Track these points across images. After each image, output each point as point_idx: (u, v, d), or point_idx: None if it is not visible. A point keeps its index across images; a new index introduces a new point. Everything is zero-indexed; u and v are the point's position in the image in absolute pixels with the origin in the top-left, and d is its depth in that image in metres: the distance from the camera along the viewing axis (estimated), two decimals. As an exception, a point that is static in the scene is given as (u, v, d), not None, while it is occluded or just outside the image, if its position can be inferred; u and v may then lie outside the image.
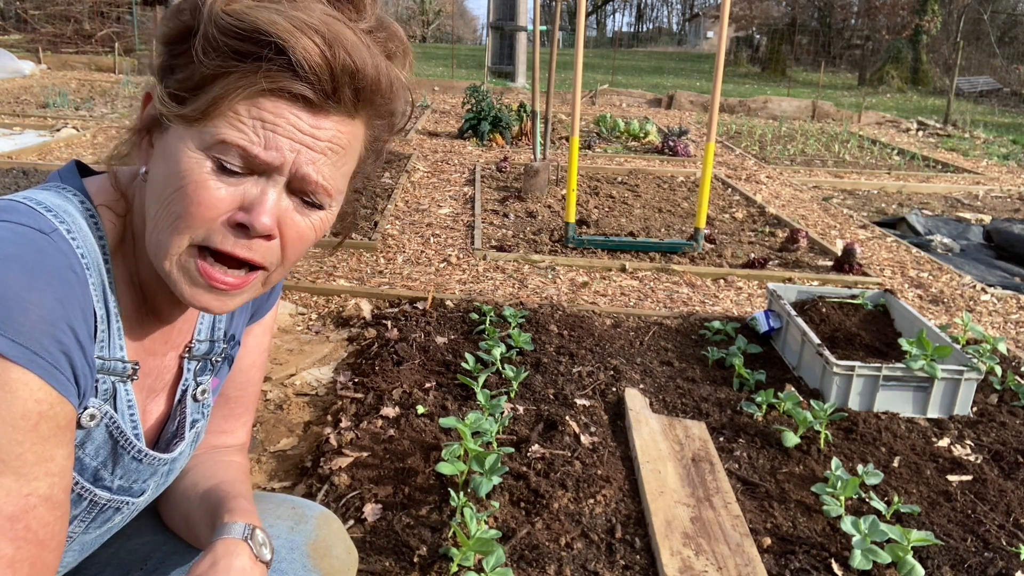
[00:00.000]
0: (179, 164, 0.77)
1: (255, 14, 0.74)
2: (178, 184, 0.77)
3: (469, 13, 71.18)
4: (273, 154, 0.77)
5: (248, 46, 0.74)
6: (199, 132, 0.77)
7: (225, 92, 0.75)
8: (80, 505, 0.87)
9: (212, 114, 0.76)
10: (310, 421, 2.52)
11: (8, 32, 16.00)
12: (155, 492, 0.98)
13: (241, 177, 0.78)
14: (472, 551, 1.69)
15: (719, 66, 4.22)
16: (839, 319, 3.19)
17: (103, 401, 0.84)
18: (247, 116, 0.76)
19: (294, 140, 0.77)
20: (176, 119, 0.78)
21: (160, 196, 0.79)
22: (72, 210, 0.82)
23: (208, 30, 0.74)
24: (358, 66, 0.76)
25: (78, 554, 0.96)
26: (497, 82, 14.83)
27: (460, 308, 3.38)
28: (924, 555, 1.89)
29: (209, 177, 0.77)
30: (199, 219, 0.77)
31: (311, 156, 0.78)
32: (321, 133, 0.78)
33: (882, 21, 26.54)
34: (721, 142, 9.28)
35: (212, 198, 0.77)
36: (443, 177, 6.41)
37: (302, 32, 0.74)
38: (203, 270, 0.80)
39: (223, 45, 0.74)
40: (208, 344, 1.01)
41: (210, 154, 0.77)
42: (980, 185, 7.57)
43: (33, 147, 6.50)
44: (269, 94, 0.76)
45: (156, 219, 0.80)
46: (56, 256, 0.76)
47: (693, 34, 55.02)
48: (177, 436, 0.98)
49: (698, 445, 2.33)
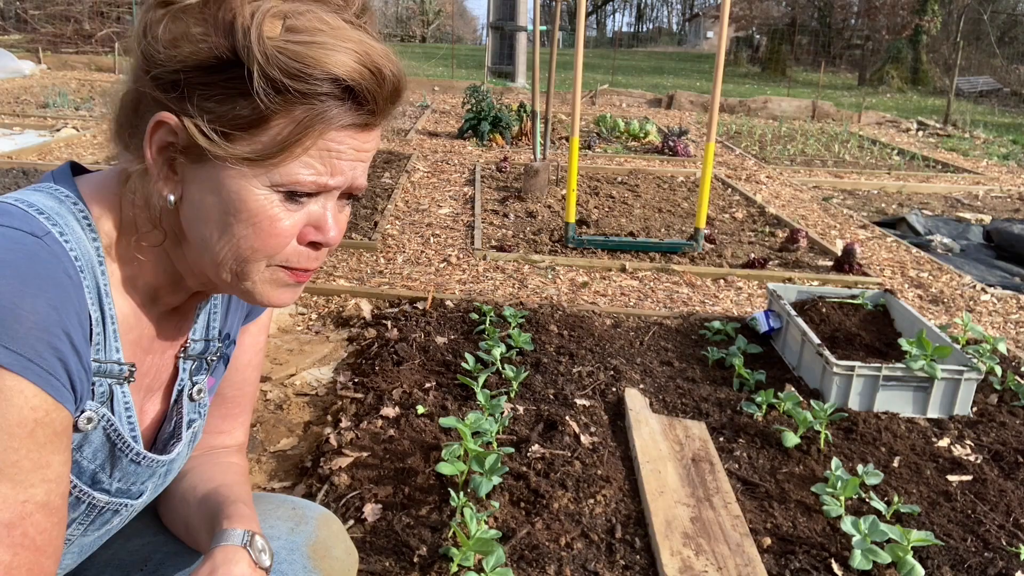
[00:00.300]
0: (245, 203, 0.79)
1: (317, 54, 0.74)
2: (251, 221, 0.79)
3: (469, 13, 71.18)
4: (339, 179, 0.81)
5: (314, 86, 0.75)
6: (266, 173, 0.78)
7: (299, 137, 0.77)
8: (78, 508, 0.87)
9: (285, 158, 0.78)
10: (310, 421, 2.52)
11: (8, 32, 16.01)
12: (153, 493, 0.98)
13: (305, 201, 0.82)
14: (472, 551, 1.69)
15: (719, 66, 4.22)
16: (839, 319, 3.19)
17: (100, 404, 0.84)
18: (316, 150, 0.78)
19: (352, 161, 0.82)
20: (238, 161, 0.77)
21: (221, 228, 0.80)
22: (65, 212, 0.81)
23: (270, 72, 0.73)
24: (402, 84, 0.81)
25: (77, 556, 0.95)
26: (497, 82, 14.83)
27: (460, 308, 3.38)
28: (924, 555, 1.89)
29: (280, 211, 0.80)
30: (276, 248, 0.82)
31: (360, 169, 0.83)
32: (369, 147, 0.83)
33: (882, 21, 26.53)
34: (721, 142, 9.28)
35: (286, 230, 0.81)
36: (443, 177, 6.41)
37: (364, 66, 0.76)
38: (292, 275, 0.85)
39: (287, 87, 0.74)
40: (203, 343, 1.00)
41: (278, 190, 0.79)
42: (980, 185, 7.57)
43: (33, 147, 6.50)
44: (338, 129, 0.79)
45: (222, 251, 0.81)
46: (49, 260, 0.75)
47: (693, 34, 55.02)
48: (174, 437, 0.97)
49: (698, 445, 2.33)
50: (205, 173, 0.79)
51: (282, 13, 0.74)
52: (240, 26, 0.73)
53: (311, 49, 0.74)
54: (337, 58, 0.74)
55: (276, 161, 0.77)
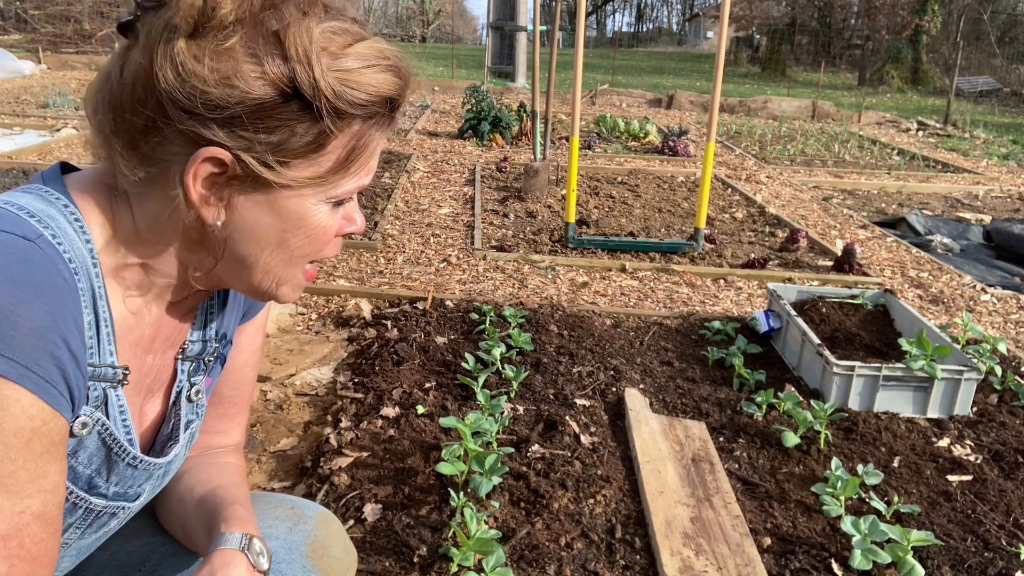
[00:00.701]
0: (306, 220, 0.83)
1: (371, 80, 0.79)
2: (308, 234, 0.85)
3: (469, 13, 71.17)
4: (370, 177, 0.87)
5: (373, 109, 0.81)
6: (324, 189, 0.83)
7: (359, 155, 0.83)
8: (75, 513, 0.86)
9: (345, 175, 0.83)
10: (310, 421, 2.52)
11: (8, 32, 16.00)
12: (151, 495, 0.98)
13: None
14: (472, 551, 1.69)
15: (719, 66, 4.22)
16: (839, 319, 3.19)
17: (94, 408, 0.83)
18: (364, 162, 0.84)
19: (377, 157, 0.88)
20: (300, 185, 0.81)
21: (273, 244, 0.84)
22: (55, 214, 0.79)
23: (337, 105, 0.77)
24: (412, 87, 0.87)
25: (75, 558, 0.95)
26: (497, 82, 14.82)
27: (460, 308, 3.38)
28: (924, 555, 1.89)
29: (331, 219, 0.86)
30: (321, 249, 0.88)
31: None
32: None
33: (882, 21, 26.53)
34: (721, 142, 9.28)
35: (333, 231, 0.87)
36: (443, 177, 6.41)
37: (399, 78, 0.82)
38: (308, 276, 0.91)
39: (349, 112, 0.79)
40: (201, 344, 0.99)
41: (331, 200, 0.84)
42: (980, 185, 7.57)
43: (33, 147, 6.50)
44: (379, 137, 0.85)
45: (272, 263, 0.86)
46: (43, 264, 0.73)
47: (693, 34, 55.01)
48: (172, 438, 0.97)
49: (698, 445, 2.33)
50: (259, 197, 0.81)
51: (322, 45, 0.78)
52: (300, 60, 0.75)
53: (363, 75, 0.79)
54: (384, 78, 0.80)
55: (337, 179, 0.83)
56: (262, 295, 0.90)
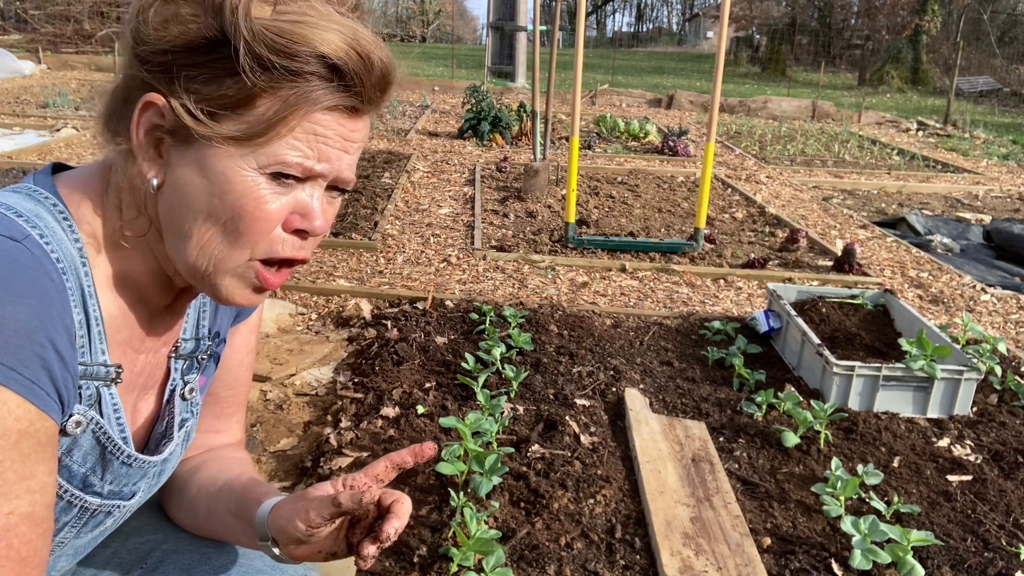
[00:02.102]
0: (232, 184, 0.78)
1: (304, 32, 0.74)
2: (236, 204, 0.78)
3: (469, 13, 71.17)
4: (326, 166, 0.81)
5: (301, 64, 0.75)
6: (253, 153, 0.77)
7: (284, 115, 0.76)
8: (71, 512, 0.86)
9: (271, 137, 0.77)
10: (310, 421, 2.52)
11: (8, 32, 16.00)
12: (146, 494, 0.98)
13: (292, 186, 0.81)
14: (472, 551, 1.69)
15: (719, 66, 4.22)
16: (839, 319, 3.19)
17: (88, 407, 0.83)
18: (302, 132, 0.78)
19: (340, 149, 0.81)
20: (225, 141, 0.77)
21: (205, 212, 0.79)
22: (44, 213, 0.79)
23: (256, 49, 0.73)
24: (392, 72, 0.81)
25: (72, 557, 0.95)
26: (497, 82, 14.83)
27: (460, 308, 3.38)
28: (924, 555, 1.89)
29: (267, 193, 0.79)
30: (261, 234, 0.81)
31: (349, 160, 0.83)
32: (356, 136, 0.83)
33: (882, 21, 26.53)
34: (721, 142, 9.28)
35: (272, 214, 0.80)
36: (443, 177, 6.41)
37: (351, 47, 0.76)
38: (261, 275, 0.84)
39: (274, 64, 0.74)
40: (194, 342, 1.00)
41: (265, 172, 0.78)
42: (980, 185, 7.57)
43: (33, 147, 6.50)
44: (325, 110, 0.78)
45: (203, 236, 0.80)
46: (30, 264, 0.73)
47: (693, 34, 55.02)
48: (166, 436, 0.97)
49: (698, 445, 2.33)
50: (191, 155, 0.78)
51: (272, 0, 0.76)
52: (228, 5, 0.74)
53: (298, 27, 0.74)
54: (325, 36, 0.75)
55: (262, 141, 0.77)
56: (204, 281, 0.83)
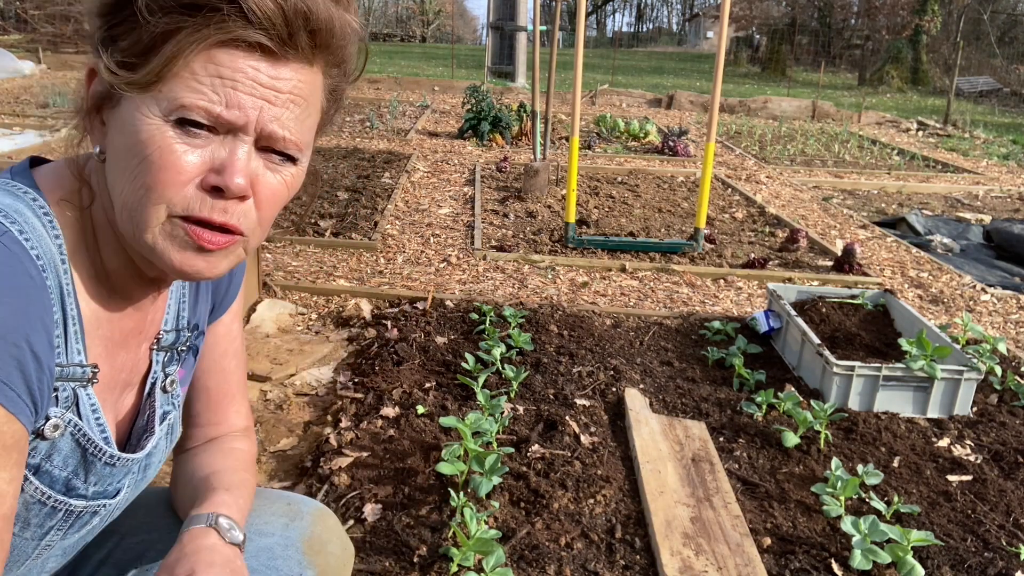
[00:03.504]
0: (139, 134, 0.74)
1: None
2: (143, 154, 0.74)
3: (469, 13, 71.19)
4: (236, 112, 0.74)
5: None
6: (155, 98, 0.74)
7: (179, 49, 0.72)
8: (55, 517, 0.85)
9: (167, 76, 0.73)
10: (310, 421, 2.52)
11: (8, 32, 16.01)
12: (133, 490, 0.97)
13: (207, 139, 0.75)
14: (472, 551, 1.69)
15: (719, 66, 4.22)
16: (839, 319, 3.19)
17: (65, 409, 0.81)
18: (204, 74, 0.73)
19: (255, 96, 0.75)
20: (129, 87, 0.74)
21: (125, 170, 0.76)
22: (23, 209, 0.77)
23: None
24: (311, 8, 0.74)
25: (61, 558, 0.95)
26: (497, 82, 14.83)
27: (460, 308, 3.38)
28: (924, 555, 1.89)
29: (173, 141, 0.74)
30: (171, 185, 0.75)
31: (275, 112, 0.76)
32: (282, 84, 0.76)
33: (882, 21, 26.54)
34: (721, 142, 9.28)
35: (180, 163, 0.74)
36: (443, 177, 6.40)
37: None
38: (192, 232, 0.77)
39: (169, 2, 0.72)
40: (175, 334, 0.99)
41: (170, 119, 0.74)
42: (980, 185, 7.57)
43: (33, 147, 6.50)
44: (224, 46, 0.73)
45: (125, 195, 0.77)
46: (8, 261, 0.71)
47: (693, 34, 55.01)
48: (147, 431, 0.96)
49: (698, 445, 2.33)
50: (118, 114, 0.77)
51: None
52: None
53: None
54: None
55: (161, 81, 0.73)
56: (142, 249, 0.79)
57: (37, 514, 0.83)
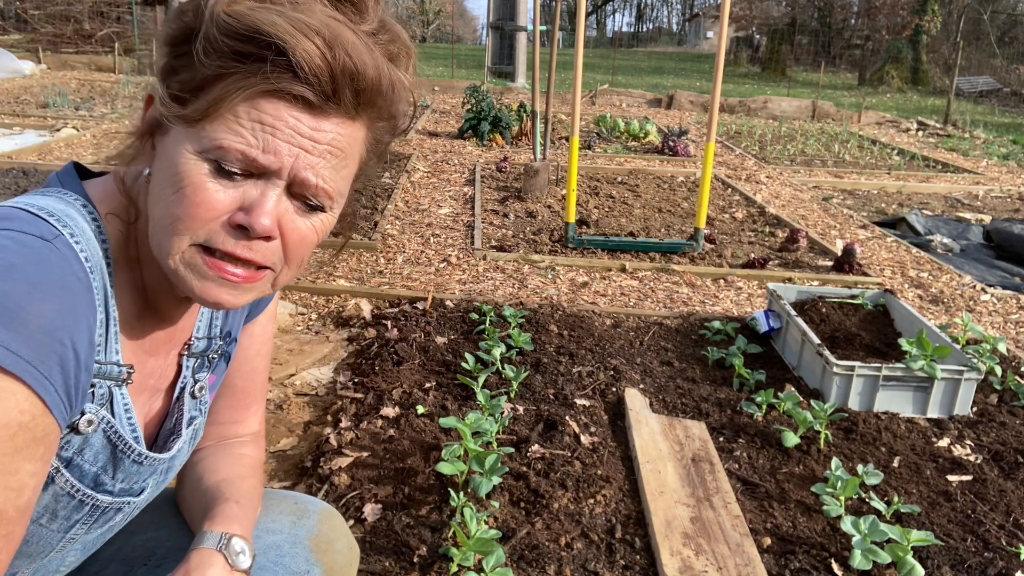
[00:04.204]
0: (178, 166, 0.77)
1: (256, 15, 0.73)
2: (178, 186, 0.77)
3: (469, 13, 71.20)
4: (271, 158, 0.76)
5: (248, 47, 0.74)
6: (198, 135, 0.76)
7: (225, 93, 0.75)
8: (82, 510, 0.87)
9: (212, 116, 0.75)
10: (310, 421, 2.52)
11: (8, 32, 16.00)
12: (155, 489, 0.99)
13: (241, 180, 0.78)
14: (472, 551, 1.69)
15: (719, 66, 4.22)
16: (839, 319, 3.19)
17: (99, 406, 0.84)
18: (246, 118, 0.75)
19: (293, 144, 0.77)
20: (176, 120, 0.77)
21: (161, 197, 0.79)
22: (75, 215, 0.81)
23: (209, 31, 0.74)
24: (359, 68, 0.76)
25: (81, 553, 0.96)
26: (497, 82, 14.83)
27: (460, 308, 3.38)
28: (924, 555, 1.89)
29: (207, 179, 0.76)
30: (198, 220, 0.77)
31: (310, 160, 0.78)
32: (321, 136, 0.78)
33: (882, 21, 26.55)
34: (721, 142, 9.28)
35: (211, 200, 0.77)
36: (443, 177, 6.40)
37: (302, 33, 0.73)
38: (211, 263, 0.80)
39: (223, 46, 0.74)
40: (206, 341, 1.01)
41: (208, 157, 0.76)
42: (980, 185, 7.57)
43: (33, 147, 6.50)
44: (269, 95, 0.75)
45: (156, 220, 0.80)
46: (59, 263, 0.74)
47: (693, 34, 55.01)
48: (175, 433, 0.98)
49: (698, 445, 2.33)
50: (165, 143, 0.80)
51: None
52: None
53: (254, 12, 0.74)
54: (274, 19, 0.73)
55: (205, 120, 0.76)
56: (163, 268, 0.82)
57: (65, 507, 0.85)
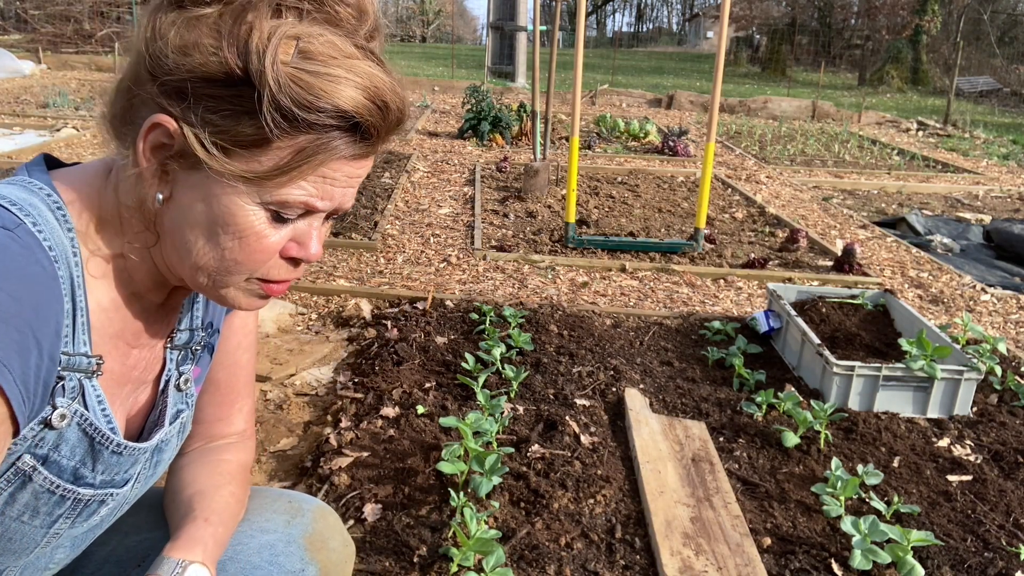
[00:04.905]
0: (234, 216, 0.79)
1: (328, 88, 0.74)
2: (236, 234, 0.80)
3: (469, 13, 71.23)
4: (327, 203, 0.83)
5: (321, 118, 0.75)
6: (258, 189, 0.79)
7: (299, 164, 0.78)
8: (64, 505, 0.87)
9: (282, 182, 0.79)
10: (310, 421, 2.52)
11: (8, 32, 16.01)
12: (143, 484, 0.98)
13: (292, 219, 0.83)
14: (472, 551, 1.69)
15: (719, 66, 4.22)
16: (839, 319, 3.19)
17: (71, 400, 0.83)
18: (312, 176, 0.80)
19: (344, 187, 0.83)
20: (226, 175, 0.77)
21: (209, 237, 0.81)
22: (38, 203, 0.80)
23: (280, 100, 0.73)
24: (405, 117, 0.82)
25: (70, 549, 0.96)
26: (497, 82, 14.83)
27: (460, 308, 3.38)
28: (924, 555, 1.89)
29: (267, 228, 0.81)
30: (259, 263, 0.84)
31: (351, 194, 0.85)
32: (361, 172, 0.84)
33: (882, 21, 26.55)
34: (721, 142, 9.28)
35: (271, 246, 0.83)
36: (443, 177, 6.41)
37: (371, 101, 0.76)
38: (266, 288, 0.87)
39: (296, 116, 0.74)
40: (189, 333, 1.01)
41: (268, 207, 0.80)
42: (980, 185, 7.57)
43: (33, 147, 6.50)
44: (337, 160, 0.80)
45: (207, 260, 0.83)
46: (20, 252, 0.74)
47: (693, 34, 55.01)
48: (158, 424, 0.98)
49: (698, 445, 2.33)
50: (196, 180, 0.79)
51: (296, 35, 0.74)
52: (256, 47, 0.72)
53: (322, 81, 0.74)
54: (346, 93, 0.75)
55: (272, 184, 0.79)
56: (208, 293, 0.87)
57: (46, 503, 0.85)
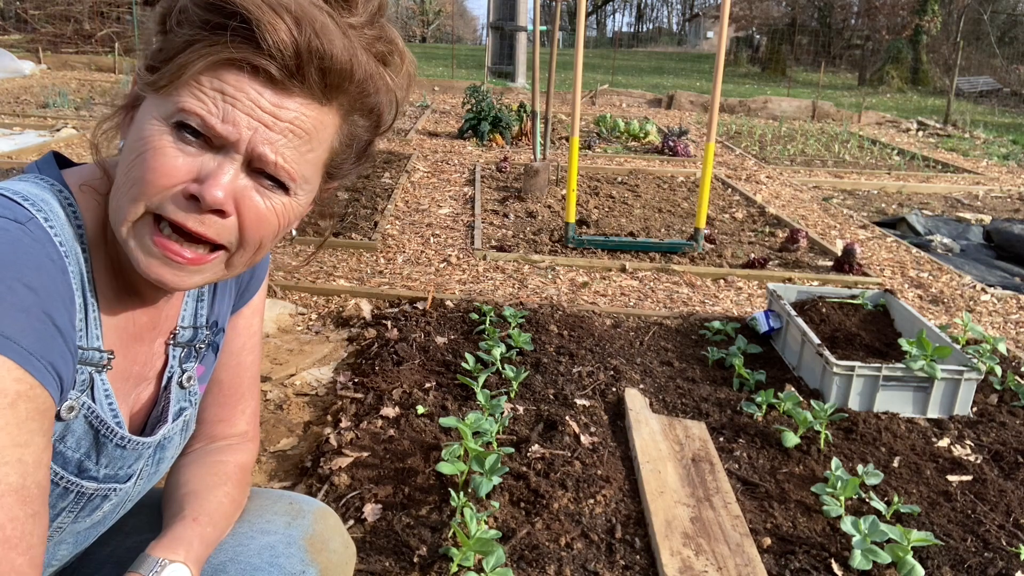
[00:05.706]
0: (141, 132, 0.78)
1: None
2: (140, 151, 0.78)
3: (469, 13, 71.23)
4: (229, 128, 0.76)
5: (217, 17, 0.75)
6: (163, 101, 0.78)
7: (189, 60, 0.76)
8: (67, 498, 0.87)
9: (176, 82, 0.77)
10: (310, 421, 2.52)
11: (8, 32, 16.00)
12: (146, 480, 0.98)
13: (200, 150, 0.78)
14: (472, 551, 1.69)
15: (719, 66, 4.22)
16: (839, 319, 3.19)
17: (80, 392, 0.83)
18: (209, 87, 0.76)
19: (253, 116, 0.77)
20: (146, 88, 0.80)
21: (123, 164, 0.80)
22: (49, 198, 0.81)
23: (184, 2, 0.77)
24: (326, 48, 0.76)
25: (72, 546, 0.95)
26: (497, 82, 14.82)
27: (460, 308, 3.38)
28: (924, 555, 1.89)
29: (167, 144, 0.77)
30: (155, 186, 0.77)
31: (269, 135, 0.78)
32: (283, 113, 0.78)
33: (882, 21, 26.54)
34: (721, 142, 9.28)
35: (168, 165, 0.77)
36: (443, 177, 6.40)
37: (271, 7, 0.74)
38: (157, 241, 0.79)
39: (194, 16, 0.76)
40: (192, 331, 1.01)
41: (170, 122, 0.77)
42: (980, 185, 7.57)
43: (33, 147, 6.50)
44: (232, 66, 0.76)
45: (117, 186, 0.81)
46: (32, 245, 0.75)
47: (693, 34, 55.01)
48: (161, 419, 0.98)
49: (698, 445, 2.33)
50: (137, 114, 0.82)
51: None
52: None
53: None
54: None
55: (170, 86, 0.77)
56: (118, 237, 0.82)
57: (50, 495, 0.84)
